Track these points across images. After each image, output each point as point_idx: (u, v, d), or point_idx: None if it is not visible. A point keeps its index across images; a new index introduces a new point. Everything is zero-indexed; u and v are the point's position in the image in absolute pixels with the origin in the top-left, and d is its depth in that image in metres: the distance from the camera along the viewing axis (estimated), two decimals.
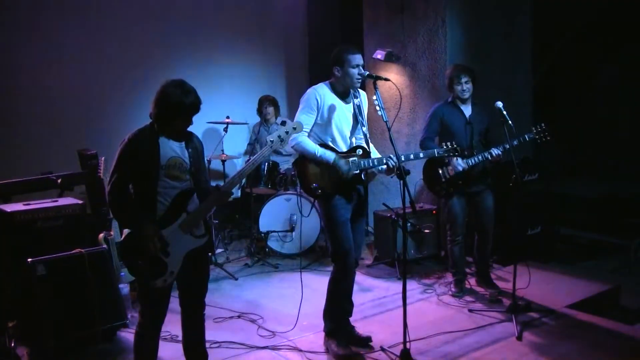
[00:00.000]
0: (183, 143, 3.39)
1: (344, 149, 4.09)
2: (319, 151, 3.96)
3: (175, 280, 3.42)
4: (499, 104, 4.68)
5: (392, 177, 4.18)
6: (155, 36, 7.25)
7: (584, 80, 7.29)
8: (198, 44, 7.60)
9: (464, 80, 5.06)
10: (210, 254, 5.81)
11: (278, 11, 8.37)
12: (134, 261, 3.30)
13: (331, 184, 3.98)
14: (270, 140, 3.43)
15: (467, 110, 5.16)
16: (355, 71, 3.98)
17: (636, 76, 6.88)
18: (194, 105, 3.28)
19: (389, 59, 6.78)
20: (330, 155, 3.96)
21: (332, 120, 4.03)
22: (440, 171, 5.07)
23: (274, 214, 6.58)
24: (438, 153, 4.34)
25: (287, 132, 3.46)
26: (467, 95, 5.10)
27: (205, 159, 3.65)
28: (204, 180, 3.49)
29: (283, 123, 3.57)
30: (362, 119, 4.13)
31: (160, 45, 7.27)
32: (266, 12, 8.27)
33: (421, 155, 4.22)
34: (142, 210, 3.29)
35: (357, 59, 4.00)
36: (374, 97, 3.95)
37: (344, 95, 4.10)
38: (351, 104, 4.12)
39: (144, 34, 7.17)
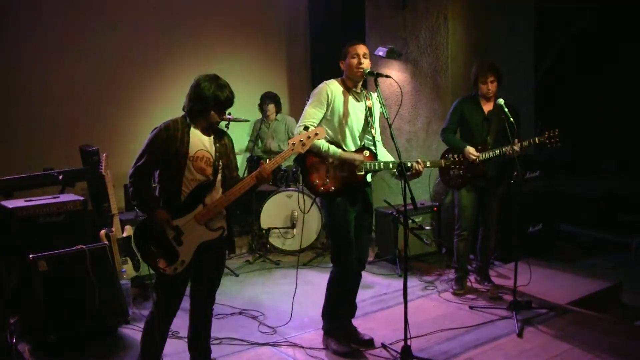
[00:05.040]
0: (212, 137, 3.48)
1: (352, 149, 4.02)
2: (325, 145, 3.89)
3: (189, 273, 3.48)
4: (501, 100, 4.68)
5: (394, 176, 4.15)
6: (157, 32, 7.25)
7: (585, 78, 7.28)
8: (199, 40, 7.60)
9: (490, 79, 5.04)
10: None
11: (280, 7, 8.36)
12: (146, 247, 3.36)
13: (337, 182, 3.94)
14: (292, 144, 3.46)
15: (488, 106, 5.14)
16: (354, 60, 3.92)
17: (637, 74, 6.87)
18: (229, 100, 3.41)
19: (391, 55, 6.77)
20: (335, 150, 3.90)
21: (342, 117, 3.96)
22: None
23: (276, 211, 6.58)
24: (445, 164, 4.25)
25: (308, 137, 3.49)
26: (490, 94, 5.08)
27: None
28: (232, 175, 3.56)
29: (306, 128, 3.61)
30: (373, 120, 4.09)
31: (161, 42, 7.27)
32: (268, 8, 8.26)
33: (427, 164, 4.11)
34: (166, 198, 3.39)
35: (357, 48, 3.95)
36: (375, 94, 3.93)
37: (355, 93, 4.04)
38: (363, 102, 4.05)
39: (144, 31, 7.17)
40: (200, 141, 3.42)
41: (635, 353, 4.07)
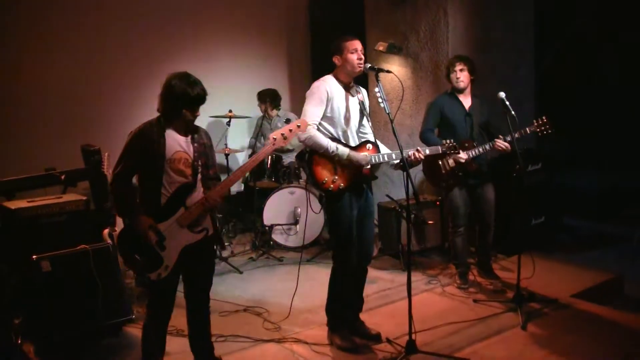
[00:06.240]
0: (189, 137, 3.42)
1: (352, 144, 4.04)
2: (333, 146, 3.88)
3: (181, 274, 3.47)
4: (502, 94, 4.65)
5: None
6: (157, 30, 7.23)
7: (586, 72, 7.28)
8: (200, 38, 7.59)
9: (458, 68, 5.04)
10: (217, 247, 5.79)
11: (280, 3, 8.34)
12: (129, 253, 3.33)
13: (346, 178, 3.93)
14: (273, 138, 3.41)
15: (467, 101, 5.14)
16: (354, 56, 3.93)
17: (637, 67, 6.87)
18: (200, 97, 3.33)
19: (391, 50, 6.76)
20: (344, 150, 3.90)
21: (341, 113, 3.97)
22: (441, 163, 5.05)
23: (278, 208, 6.58)
24: (442, 150, 4.29)
25: (290, 130, 3.45)
26: (461, 84, 5.06)
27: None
28: (212, 174, 3.52)
29: (287, 121, 3.56)
30: (367, 113, 4.12)
31: (161, 40, 7.25)
32: (268, 4, 8.24)
33: (427, 151, 4.17)
34: (147, 202, 3.33)
35: (355, 44, 3.96)
36: (376, 89, 3.92)
37: (348, 88, 4.05)
38: (356, 97, 4.07)
39: (145, 28, 7.15)
40: (176, 142, 3.36)
41: (638, 345, 4.07)
